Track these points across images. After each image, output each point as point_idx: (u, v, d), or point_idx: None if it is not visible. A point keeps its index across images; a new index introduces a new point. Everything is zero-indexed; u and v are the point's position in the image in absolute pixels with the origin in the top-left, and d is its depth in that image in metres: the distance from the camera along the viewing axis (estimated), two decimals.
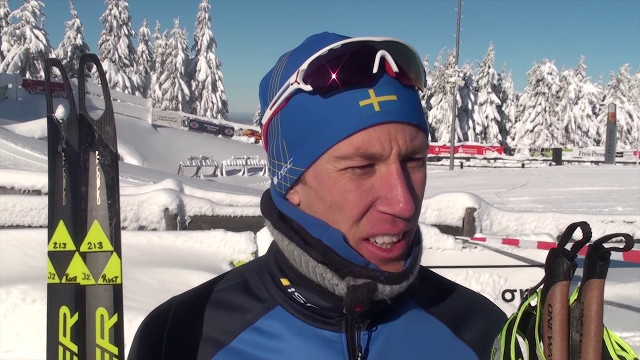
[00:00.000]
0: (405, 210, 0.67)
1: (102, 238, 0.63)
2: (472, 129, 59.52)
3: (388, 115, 0.67)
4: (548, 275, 0.64)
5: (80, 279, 0.63)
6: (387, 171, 0.68)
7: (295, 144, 0.71)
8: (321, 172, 0.69)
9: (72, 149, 0.62)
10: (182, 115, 43.03)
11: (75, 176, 0.63)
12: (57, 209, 0.63)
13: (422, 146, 0.71)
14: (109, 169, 0.63)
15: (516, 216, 9.36)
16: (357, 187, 0.68)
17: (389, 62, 0.68)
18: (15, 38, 44.22)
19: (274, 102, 0.72)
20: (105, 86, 0.59)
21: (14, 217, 7.90)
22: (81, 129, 0.62)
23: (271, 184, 0.79)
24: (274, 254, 0.79)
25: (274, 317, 0.77)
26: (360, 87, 0.67)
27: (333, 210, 0.70)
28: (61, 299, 0.64)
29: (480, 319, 0.85)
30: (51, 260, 0.63)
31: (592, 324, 0.62)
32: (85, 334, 0.64)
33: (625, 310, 6.06)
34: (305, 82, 0.68)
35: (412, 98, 0.70)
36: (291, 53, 0.75)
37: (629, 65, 64.98)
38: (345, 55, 0.67)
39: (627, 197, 17.55)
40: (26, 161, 15.95)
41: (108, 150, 0.62)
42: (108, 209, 0.63)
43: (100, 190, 0.63)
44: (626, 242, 0.62)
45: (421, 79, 0.72)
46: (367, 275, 0.70)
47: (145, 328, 0.81)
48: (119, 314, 0.63)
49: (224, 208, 8.79)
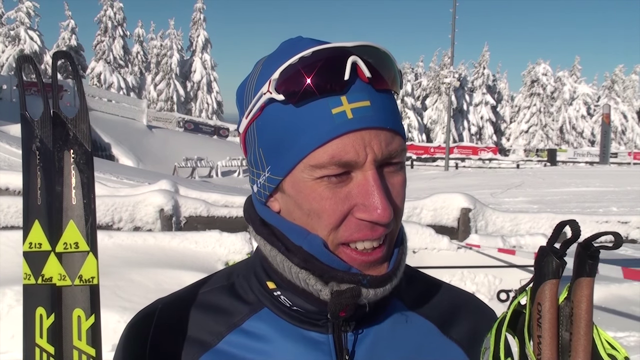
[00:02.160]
0: (383, 216, 0.66)
1: (78, 238, 0.62)
2: (467, 129, 59.73)
3: (361, 121, 0.66)
4: (537, 274, 0.64)
5: (56, 279, 0.62)
6: (364, 178, 0.67)
7: (272, 153, 0.70)
8: (298, 181, 0.69)
9: (46, 147, 0.61)
10: (177, 116, 43.03)
11: (49, 175, 0.62)
12: (32, 209, 0.62)
13: (399, 150, 0.70)
14: (84, 168, 0.62)
15: (511, 217, 9.40)
16: (334, 195, 0.68)
17: (360, 68, 0.67)
18: (9, 39, 44.14)
19: (249, 111, 0.72)
20: (79, 84, 0.58)
21: (9, 218, 7.90)
22: (55, 127, 0.61)
23: (252, 191, 0.79)
24: (260, 258, 0.78)
25: (260, 318, 0.76)
26: (333, 94, 0.66)
27: (311, 217, 0.69)
28: (37, 299, 0.63)
29: (468, 317, 0.86)
30: (26, 261, 0.62)
31: (582, 323, 0.62)
32: (62, 335, 0.63)
33: (620, 311, 6.08)
34: (277, 92, 0.67)
35: (386, 102, 0.69)
36: (265, 59, 0.74)
37: (623, 66, 65.50)
38: (316, 62, 0.66)
39: (621, 198, 17.65)
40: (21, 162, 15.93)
41: (83, 149, 0.61)
42: (84, 208, 0.62)
43: (76, 190, 0.62)
44: (615, 240, 0.61)
45: (396, 83, 0.71)
46: (350, 280, 0.69)
47: (130, 329, 0.81)
48: (96, 315, 0.62)
49: (219, 209, 8.80)
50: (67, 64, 0.57)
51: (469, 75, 61.44)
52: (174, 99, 52.54)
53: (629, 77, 64.63)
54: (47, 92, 0.59)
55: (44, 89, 0.59)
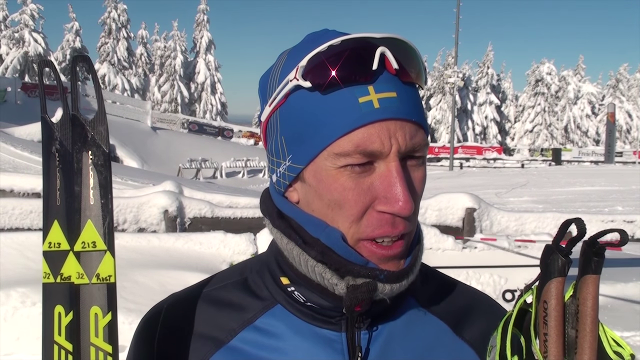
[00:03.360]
0: (404, 208, 0.66)
1: (95, 237, 0.63)
2: (472, 129, 59.53)
3: (387, 112, 0.66)
4: (543, 272, 0.64)
5: (75, 278, 0.63)
6: (387, 169, 0.67)
7: (294, 141, 0.70)
8: (320, 169, 0.69)
9: (65, 149, 0.62)
10: (181, 117, 43.03)
11: (69, 176, 0.63)
12: (52, 209, 0.63)
13: (422, 144, 0.70)
14: (102, 169, 0.63)
15: (516, 216, 9.36)
16: (357, 186, 0.67)
17: (388, 59, 0.67)
18: (14, 41, 44.26)
19: (273, 99, 0.71)
20: (97, 87, 0.59)
21: (14, 220, 7.91)
22: (74, 129, 0.62)
23: (270, 182, 0.79)
24: (274, 253, 0.78)
25: (273, 315, 0.76)
26: (360, 83, 0.66)
27: (332, 208, 0.69)
28: (56, 298, 0.64)
29: (481, 318, 0.84)
30: (46, 260, 0.63)
31: (588, 320, 0.62)
32: (79, 332, 0.64)
33: (626, 310, 6.06)
34: (304, 79, 0.67)
35: (412, 95, 0.69)
36: (291, 50, 0.74)
37: (628, 65, 65.12)
38: (344, 51, 0.66)
39: (627, 197, 17.55)
40: (25, 164, 15.96)
41: (101, 150, 0.62)
42: (101, 208, 0.63)
43: (94, 190, 0.63)
44: (621, 237, 0.62)
45: (421, 77, 0.71)
46: (366, 274, 0.69)
47: (139, 329, 0.81)
48: (112, 312, 0.63)
49: (224, 210, 8.79)
50: (83, 67, 0.59)
51: (473, 75, 61.23)
52: (178, 101, 52.60)
53: (633, 76, 64.28)
54: (66, 96, 0.61)
55: (63, 93, 0.60)
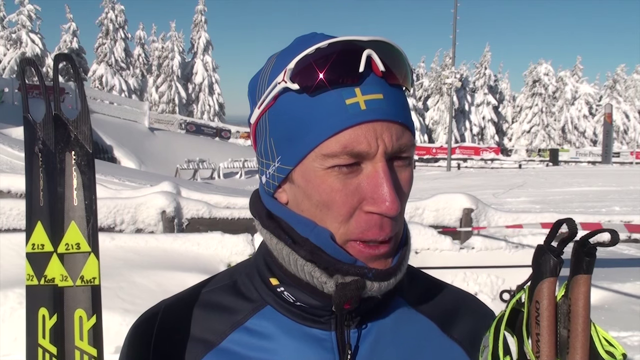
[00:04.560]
0: (391, 209, 0.67)
1: (79, 239, 0.62)
2: (469, 130, 59.66)
3: (374, 113, 0.68)
4: (535, 272, 0.64)
5: (59, 280, 0.62)
6: (374, 169, 0.68)
7: (283, 143, 0.71)
8: (308, 170, 0.70)
9: (48, 149, 0.62)
10: (179, 118, 42.96)
11: (52, 177, 0.62)
12: (35, 210, 0.63)
13: (409, 145, 0.71)
14: (86, 169, 0.62)
15: (513, 217, 9.36)
16: (344, 187, 0.69)
17: (375, 61, 0.68)
18: (11, 42, 44.20)
19: (262, 101, 0.73)
20: (80, 86, 0.58)
21: (11, 221, 7.89)
22: (57, 129, 0.61)
23: (260, 183, 0.80)
24: (263, 254, 0.79)
25: (263, 316, 0.77)
26: (347, 85, 0.68)
27: (320, 209, 0.70)
28: (40, 300, 0.63)
29: (468, 317, 0.86)
30: (29, 262, 0.63)
31: (580, 320, 0.62)
32: (64, 335, 0.63)
33: (623, 310, 6.06)
34: (292, 81, 0.68)
35: (398, 97, 0.71)
36: (279, 53, 0.75)
37: (625, 65, 65.51)
38: (332, 54, 0.68)
39: (624, 197, 17.60)
40: (23, 165, 15.85)
41: (84, 151, 0.62)
42: (85, 209, 0.62)
43: (77, 191, 0.62)
44: (612, 237, 0.62)
45: (408, 79, 0.73)
46: (355, 272, 0.70)
47: (134, 331, 0.81)
48: (97, 315, 0.63)
49: (222, 210, 8.78)
50: (68, 67, 0.58)
51: (471, 76, 61.37)
52: (175, 101, 52.58)
53: (630, 77, 64.48)
54: (49, 95, 0.60)
55: (45, 92, 0.59)
